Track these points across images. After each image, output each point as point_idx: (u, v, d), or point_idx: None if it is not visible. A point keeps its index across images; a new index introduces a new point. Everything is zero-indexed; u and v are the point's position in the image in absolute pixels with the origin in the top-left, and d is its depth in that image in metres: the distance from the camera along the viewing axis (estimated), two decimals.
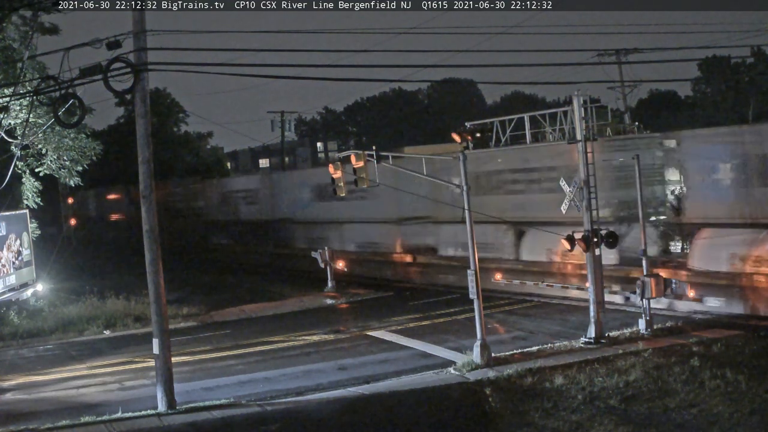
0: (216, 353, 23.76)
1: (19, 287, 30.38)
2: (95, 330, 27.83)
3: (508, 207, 30.48)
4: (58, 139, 29.88)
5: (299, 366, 21.56)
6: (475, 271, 20.33)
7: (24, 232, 30.98)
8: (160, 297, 17.79)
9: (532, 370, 19.02)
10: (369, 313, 29.15)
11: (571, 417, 16.09)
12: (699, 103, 76.24)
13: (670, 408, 16.03)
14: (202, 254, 53.51)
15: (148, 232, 17.80)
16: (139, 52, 17.32)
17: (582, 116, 22.19)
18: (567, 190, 21.95)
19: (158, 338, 17.77)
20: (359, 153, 22.47)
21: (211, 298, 34.34)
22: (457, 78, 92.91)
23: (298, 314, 30.30)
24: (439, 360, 21.15)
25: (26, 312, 29.49)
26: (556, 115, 23.00)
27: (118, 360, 23.46)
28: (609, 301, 23.26)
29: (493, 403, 17.37)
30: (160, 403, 17.64)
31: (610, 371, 18.47)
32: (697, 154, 25.30)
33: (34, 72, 27.52)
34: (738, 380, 17.00)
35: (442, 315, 27.43)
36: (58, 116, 19.27)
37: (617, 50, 40.87)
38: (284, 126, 62.61)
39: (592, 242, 21.58)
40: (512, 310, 27.59)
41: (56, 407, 18.47)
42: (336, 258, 34.54)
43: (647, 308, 22.21)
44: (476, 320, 20.26)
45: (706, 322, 23.18)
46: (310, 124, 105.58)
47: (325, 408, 17.59)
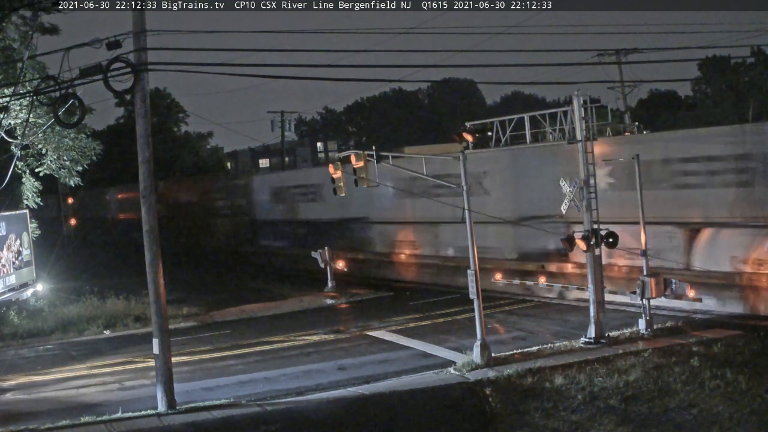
0: (216, 353, 23.76)
1: (19, 287, 30.38)
2: (95, 330, 27.83)
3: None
4: (58, 139, 29.89)
5: (299, 366, 21.57)
6: (474, 271, 20.34)
7: (24, 232, 30.99)
8: (160, 297, 17.79)
9: (532, 370, 19.03)
10: (369, 313, 29.15)
11: (571, 417, 16.10)
12: (699, 103, 76.29)
13: (670, 408, 16.02)
14: (249, 258, 48.51)
15: (148, 232, 17.81)
16: (139, 52, 17.32)
17: (582, 116, 22.19)
18: (567, 190, 21.96)
19: (158, 338, 17.77)
20: (359, 153, 22.48)
21: (211, 298, 34.35)
22: (457, 78, 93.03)
23: (298, 314, 30.30)
24: (439, 360, 21.15)
25: (26, 312, 29.49)
26: (556, 115, 22.96)
27: (118, 360, 23.46)
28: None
29: (493, 403, 17.38)
30: (160, 403, 17.65)
31: (610, 371, 18.47)
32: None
33: (34, 72, 27.52)
34: (738, 380, 17.00)
35: (442, 315, 27.43)
36: (58, 116, 19.28)
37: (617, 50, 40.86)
38: (284, 126, 62.58)
39: (592, 242, 21.59)
40: (512, 310, 27.59)
41: (56, 407, 18.47)
42: (336, 258, 34.56)
43: (647, 308, 22.22)
44: (476, 320, 20.27)
45: (706, 322, 23.19)
46: (310, 124, 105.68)
47: (325, 408, 17.60)
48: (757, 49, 65.32)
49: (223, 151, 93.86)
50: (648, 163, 24.13)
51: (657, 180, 25.29)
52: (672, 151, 25.77)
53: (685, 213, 25.27)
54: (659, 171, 25.53)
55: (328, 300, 32.73)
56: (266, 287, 37.55)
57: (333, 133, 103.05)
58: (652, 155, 25.20)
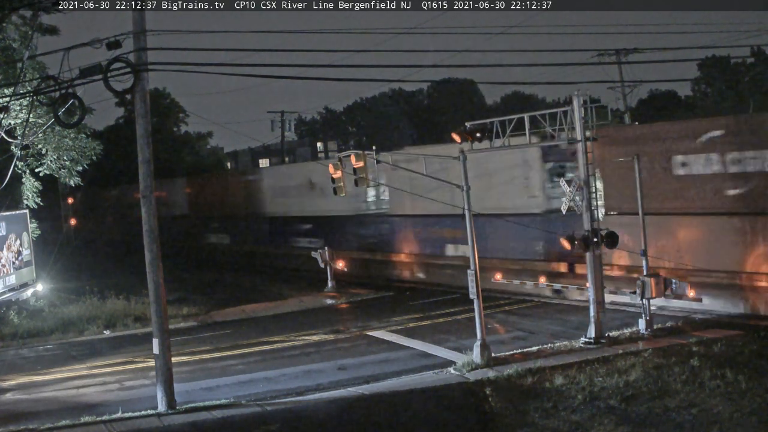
0: (216, 353, 23.76)
1: (19, 287, 30.39)
2: (95, 330, 27.83)
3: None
4: (58, 139, 29.90)
5: (299, 366, 21.56)
6: (474, 271, 20.35)
7: (24, 232, 31.00)
8: (160, 297, 17.80)
9: (532, 370, 19.03)
10: (369, 313, 29.15)
11: (571, 417, 16.08)
12: (699, 103, 76.22)
13: (670, 408, 16.01)
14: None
15: (148, 232, 17.80)
16: (139, 52, 17.33)
17: (582, 116, 22.20)
18: (567, 190, 21.98)
19: (158, 338, 17.78)
20: (359, 153, 22.47)
21: (211, 298, 34.35)
22: (457, 78, 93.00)
23: (298, 314, 30.29)
24: (439, 360, 21.15)
25: (26, 312, 29.49)
26: (556, 115, 22.95)
27: (118, 360, 23.46)
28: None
29: (493, 403, 17.36)
30: (160, 403, 17.65)
31: (610, 371, 18.47)
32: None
33: (34, 72, 27.52)
34: (738, 380, 16.99)
35: (442, 315, 27.44)
36: (58, 116, 19.28)
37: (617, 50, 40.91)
38: (284, 126, 62.64)
39: (593, 242, 21.58)
40: (512, 310, 27.59)
41: (56, 407, 18.47)
42: (336, 258, 34.57)
43: (647, 308, 22.23)
44: (476, 320, 20.27)
45: (706, 322, 23.21)
46: (310, 124, 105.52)
47: (325, 408, 17.59)
48: (757, 49, 65.36)
49: (223, 151, 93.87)
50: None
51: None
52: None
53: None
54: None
55: (328, 300, 32.73)
56: (266, 287, 37.56)
57: (333, 133, 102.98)
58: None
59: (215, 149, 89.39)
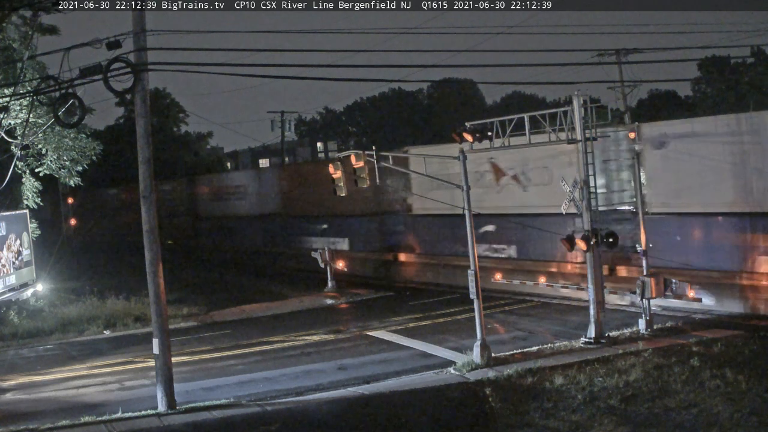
0: (216, 353, 23.76)
1: (19, 287, 30.39)
2: (95, 330, 27.83)
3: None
4: (58, 139, 29.89)
5: (299, 366, 21.57)
6: (474, 271, 20.35)
7: (24, 232, 31.00)
8: (160, 297, 17.79)
9: (532, 370, 19.04)
10: (369, 313, 29.15)
11: (571, 417, 16.08)
12: (699, 103, 76.18)
13: (670, 408, 16.01)
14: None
15: (148, 232, 17.80)
16: (139, 52, 17.33)
17: (582, 116, 22.20)
18: (567, 190, 21.97)
19: (158, 338, 17.77)
20: (359, 153, 22.48)
21: (211, 298, 34.35)
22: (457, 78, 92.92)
23: (298, 314, 30.29)
24: (439, 360, 21.16)
25: (26, 312, 29.48)
26: (556, 115, 22.93)
27: (118, 360, 23.46)
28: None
29: (493, 403, 17.36)
30: (160, 403, 17.64)
31: (610, 371, 18.47)
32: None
33: (34, 72, 27.54)
34: (738, 380, 17.00)
35: (442, 315, 27.44)
36: (58, 116, 19.27)
37: (617, 50, 40.78)
38: (284, 126, 62.58)
39: (592, 242, 21.59)
40: (512, 310, 27.60)
41: (56, 407, 18.46)
42: (336, 258, 34.58)
43: (647, 308, 22.23)
44: (476, 320, 20.27)
45: (706, 322, 23.20)
46: (310, 124, 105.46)
47: (325, 408, 17.59)
48: (757, 49, 65.25)
49: (223, 151, 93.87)
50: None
51: None
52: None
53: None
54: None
55: (328, 300, 32.73)
56: (266, 287, 37.55)
57: (333, 133, 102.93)
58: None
59: (215, 149, 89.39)
